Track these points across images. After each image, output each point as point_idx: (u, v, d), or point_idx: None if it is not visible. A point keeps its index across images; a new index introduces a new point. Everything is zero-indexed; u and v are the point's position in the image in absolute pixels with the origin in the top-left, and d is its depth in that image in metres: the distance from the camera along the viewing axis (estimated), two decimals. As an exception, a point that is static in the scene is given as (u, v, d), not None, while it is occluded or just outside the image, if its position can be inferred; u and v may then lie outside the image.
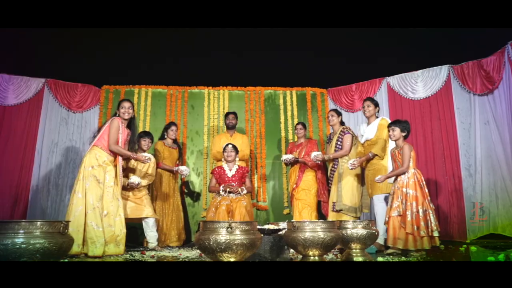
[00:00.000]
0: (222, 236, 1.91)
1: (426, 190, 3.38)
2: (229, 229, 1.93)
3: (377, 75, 5.59)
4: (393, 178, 3.54)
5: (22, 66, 5.29)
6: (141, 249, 3.97)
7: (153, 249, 3.89)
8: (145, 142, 4.19)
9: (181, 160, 4.93)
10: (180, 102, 5.65)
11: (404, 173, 3.40)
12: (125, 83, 5.64)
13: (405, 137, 3.52)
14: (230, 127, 4.97)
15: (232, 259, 1.93)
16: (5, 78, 5.16)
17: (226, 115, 5.06)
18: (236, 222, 1.98)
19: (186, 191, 5.27)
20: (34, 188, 5.04)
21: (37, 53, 5.37)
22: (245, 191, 4.26)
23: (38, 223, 1.73)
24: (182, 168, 4.51)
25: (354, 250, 2.74)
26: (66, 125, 5.38)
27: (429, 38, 5.42)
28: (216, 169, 4.41)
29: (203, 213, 5.21)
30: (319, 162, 4.36)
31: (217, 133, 5.54)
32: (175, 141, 4.82)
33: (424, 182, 3.39)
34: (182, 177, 4.58)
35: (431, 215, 3.27)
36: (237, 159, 4.44)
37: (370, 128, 3.99)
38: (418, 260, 2.97)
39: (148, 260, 3.11)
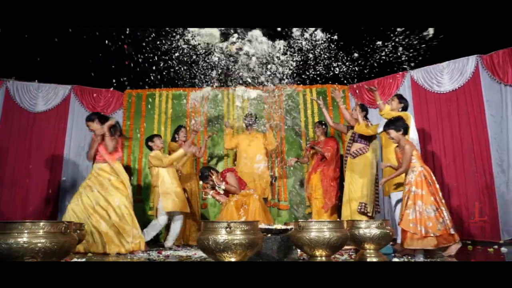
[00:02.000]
0: (221, 236, 1.90)
1: (437, 186, 3.19)
2: (227, 229, 1.92)
3: (399, 70, 5.36)
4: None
5: (45, 73, 5.48)
6: (160, 248, 4.03)
7: (170, 248, 3.97)
8: (160, 141, 4.39)
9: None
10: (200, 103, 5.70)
11: (403, 173, 3.29)
12: (139, 86, 5.64)
13: (404, 134, 3.32)
14: (249, 127, 5.02)
15: (233, 259, 1.92)
16: (35, 86, 5.43)
17: (245, 116, 5.13)
18: (235, 222, 1.96)
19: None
20: (63, 190, 5.28)
21: (43, 56, 5.51)
22: (222, 187, 4.13)
23: (41, 223, 1.78)
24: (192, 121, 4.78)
25: (368, 251, 2.65)
26: (92, 129, 5.57)
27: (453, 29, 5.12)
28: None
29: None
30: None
31: (237, 133, 5.56)
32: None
33: (433, 178, 3.20)
34: (193, 128, 4.72)
35: (444, 212, 3.08)
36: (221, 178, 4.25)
37: None
38: (428, 260, 2.83)
39: (155, 260, 3.14)
